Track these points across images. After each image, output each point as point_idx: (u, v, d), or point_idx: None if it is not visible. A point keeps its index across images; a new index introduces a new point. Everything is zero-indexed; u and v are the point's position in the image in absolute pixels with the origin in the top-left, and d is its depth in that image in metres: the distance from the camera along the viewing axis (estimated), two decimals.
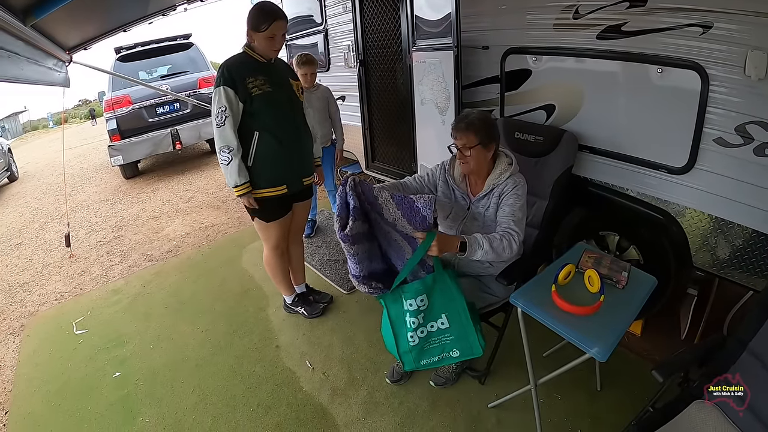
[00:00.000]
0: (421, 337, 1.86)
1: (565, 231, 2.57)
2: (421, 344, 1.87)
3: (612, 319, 1.58)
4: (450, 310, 1.84)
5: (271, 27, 2.11)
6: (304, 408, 2.20)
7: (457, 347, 1.87)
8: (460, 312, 1.83)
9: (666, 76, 1.92)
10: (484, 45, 2.64)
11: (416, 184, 2.07)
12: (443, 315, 1.84)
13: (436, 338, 1.88)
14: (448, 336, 1.87)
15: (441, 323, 1.85)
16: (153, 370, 2.54)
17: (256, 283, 3.33)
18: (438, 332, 1.87)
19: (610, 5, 2.01)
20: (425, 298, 1.81)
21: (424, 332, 1.86)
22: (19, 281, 3.95)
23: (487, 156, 1.89)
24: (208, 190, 5.86)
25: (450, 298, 1.82)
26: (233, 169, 2.19)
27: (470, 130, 1.83)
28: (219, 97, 2.11)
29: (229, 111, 2.12)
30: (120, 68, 6.55)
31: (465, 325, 1.83)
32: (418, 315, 1.82)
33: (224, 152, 2.17)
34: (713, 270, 2.03)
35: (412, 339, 1.86)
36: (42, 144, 15.30)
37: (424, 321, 1.85)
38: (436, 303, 1.83)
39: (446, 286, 1.82)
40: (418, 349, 1.87)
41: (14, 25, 2.02)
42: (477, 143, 1.83)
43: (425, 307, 1.82)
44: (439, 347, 1.89)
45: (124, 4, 3.34)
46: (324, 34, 4.41)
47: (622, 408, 1.96)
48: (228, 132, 2.15)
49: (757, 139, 1.71)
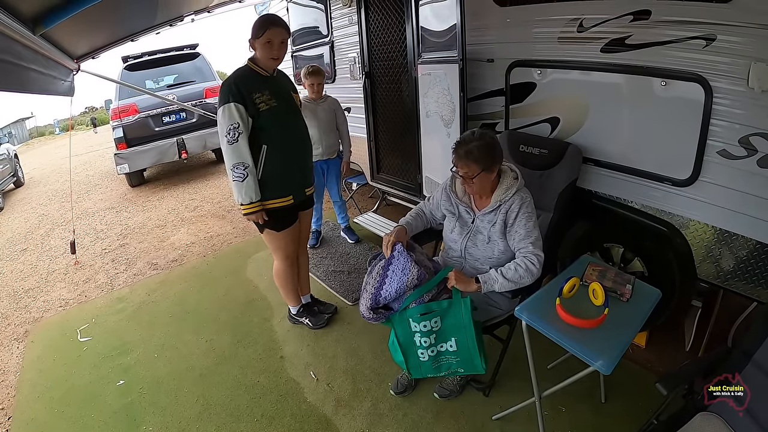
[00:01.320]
0: (431, 355, 1.94)
1: (570, 243, 2.56)
2: (430, 362, 1.96)
3: (616, 332, 1.58)
4: (459, 336, 1.89)
5: (266, 33, 2.14)
6: (308, 419, 2.19)
7: (463, 367, 1.97)
8: (468, 340, 1.88)
9: (670, 89, 1.93)
10: (489, 58, 2.67)
11: (427, 210, 2.18)
12: (453, 339, 1.90)
13: (445, 357, 1.96)
14: (455, 358, 1.95)
15: (450, 345, 1.92)
16: (157, 379, 2.54)
17: (260, 293, 3.34)
18: (447, 352, 1.95)
19: (614, 18, 2.03)
20: (439, 320, 1.87)
21: (435, 351, 1.94)
22: (24, 287, 3.97)
23: (491, 177, 1.89)
24: (214, 199, 5.89)
25: (462, 326, 1.87)
26: (248, 186, 2.19)
27: (470, 160, 1.82)
28: (230, 114, 2.11)
29: (243, 127, 2.13)
30: (127, 77, 6.63)
31: (471, 351, 1.90)
32: (431, 335, 1.89)
33: (238, 169, 2.16)
34: (717, 281, 2.03)
35: (422, 356, 1.95)
36: (48, 150, 15.42)
37: (436, 342, 1.91)
38: (448, 327, 1.89)
39: (459, 314, 1.85)
40: (428, 365, 1.98)
41: (23, 35, 2.04)
42: (479, 171, 1.83)
43: (438, 329, 1.89)
44: (447, 364, 1.98)
45: (133, 14, 3.38)
46: (330, 46, 4.45)
47: (626, 420, 1.95)
48: (243, 148, 2.15)
49: (761, 151, 1.72)
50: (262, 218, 2.32)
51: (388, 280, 1.86)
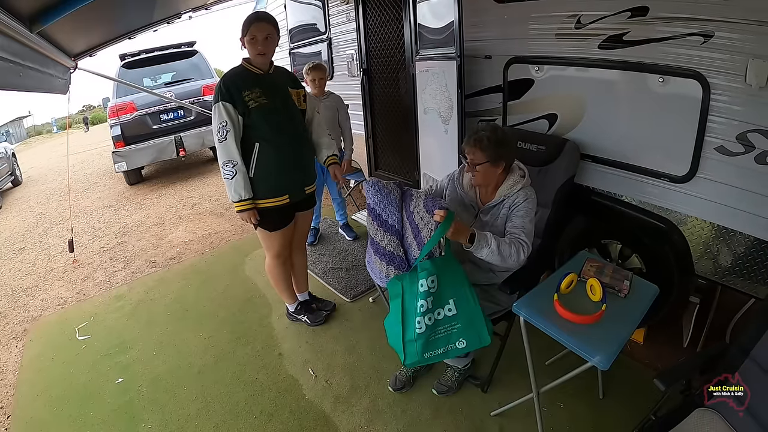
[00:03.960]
0: (428, 324, 1.78)
1: (568, 239, 2.57)
2: (427, 333, 1.79)
3: (614, 328, 1.59)
4: (458, 295, 1.79)
5: (251, 29, 2.15)
6: (307, 416, 2.20)
7: (464, 336, 1.81)
8: (469, 297, 1.79)
9: (667, 85, 1.93)
10: (486, 54, 2.66)
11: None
12: (451, 301, 1.79)
13: (443, 327, 1.81)
14: (455, 324, 1.81)
15: (448, 309, 1.80)
16: (156, 377, 2.54)
17: (259, 290, 3.34)
18: (445, 320, 1.81)
19: (611, 15, 2.03)
20: (435, 279, 1.76)
21: (432, 319, 1.79)
22: (22, 286, 3.96)
23: (496, 172, 1.89)
24: (212, 197, 5.88)
25: (459, 283, 1.79)
26: (237, 183, 2.21)
27: (478, 147, 1.83)
28: (219, 113, 2.15)
29: (230, 126, 2.16)
30: (124, 75, 6.61)
31: (473, 311, 1.79)
32: (428, 298, 1.76)
33: (228, 167, 2.19)
34: (715, 278, 2.04)
35: (419, 326, 1.78)
36: (46, 149, 15.43)
37: (433, 306, 1.78)
38: (445, 287, 1.78)
39: (455, 270, 1.79)
40: (425, 338, 1.79)
41: (20, 32, 2.04)
42: (485, 161, 1.83)
43: (435, 290, 1.77)
44: (445, 338, 1.82)
45: (130, 11, 3.38)
46: (327, 43, 4.44)
47: (624, 416, 1.96)
48: (231, 146, 2.18)
49: (758, 147, 1.72)
50: (255, 218, 2.32)
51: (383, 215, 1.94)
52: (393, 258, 1.92)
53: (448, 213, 1.70)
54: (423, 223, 1.82)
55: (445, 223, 1.69)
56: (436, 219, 1.71)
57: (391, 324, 1.90)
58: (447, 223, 1.69)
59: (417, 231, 1.85)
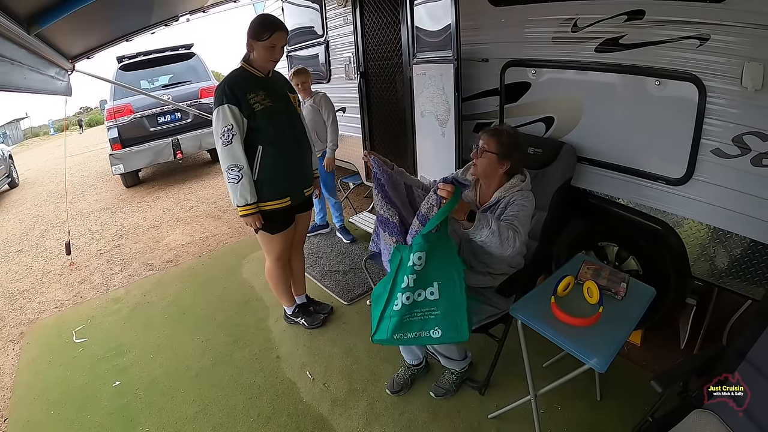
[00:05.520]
0: (405, 303, 1.67)
1: (565, 242, 2.58)
2: (401, 312, 1.68)
3: (611, 330, 1.59)
4: (444, 278, 1.68)
5: (273, 37, 2.12)
6: (305, 418, 2.19)
7: (441, 325, 1.69)
8: (455, 282, 1.68)
9: (664, 88, 1.94)
10: (483, 58, 2.67)
11: (426, 183, 2.13)
12: (435, 283, 1.68)
13: (420, 310, 1.70)
14: (433, 310, 1.69)
15: (430, 293, 1.68)
16: (153, 380, 2.54)
17: (256, 293, 3.34)
18: (424, 303, 1.69)
19: (608, 18, 2.04)
20: (423, 256, 1.64)
21: (410, 299, 1.68)
22: (19, 288, 3.95)
23: (497, 168, 1.88)
24: (209, 199, 5.88)
25: (449, 265, 1.68)
26: (243, 188, 2.19)
27: (495, 137, 1.84)
28: (224, 116, 2.11)
29: (236, 129, 2.13)
30: (122, 77, 6.60)
31: (457, 299, 1.68)
32: (411, 275, 1.65)
33: (233, 171, 2.16)
34: (712, 280, 2.04)
35: (396, 302, 1.69)
36: (43, 151, 15.35)
37: (414, 285, 1.67)
38: (432, 267, 1.66)
39: (447, 249, 1.69)
40: (399, 317, 1.68)
41: (18, 34, 2.03)
42: (494, 151, 1.84)
43: (421, 268, 1.65)
44: (420, 322, 1.70)
45: (128, 14, 3.37)
46: (325, 46, 4.45)
47: (622, 418, 1.96)
48: (237, 150, 2.15)
49: (754, 150, 1.73)
50: (259, 222, 2.31)
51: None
52: (397, 228, 1.88)
53: (455, 188, 1.59)
54: (425, 201, 1.72)
55: (452, 199, 1.59)
56: (442, 194, 1.60)
57: (378, 293, 1.80)
58: (455, 199, 1.59)
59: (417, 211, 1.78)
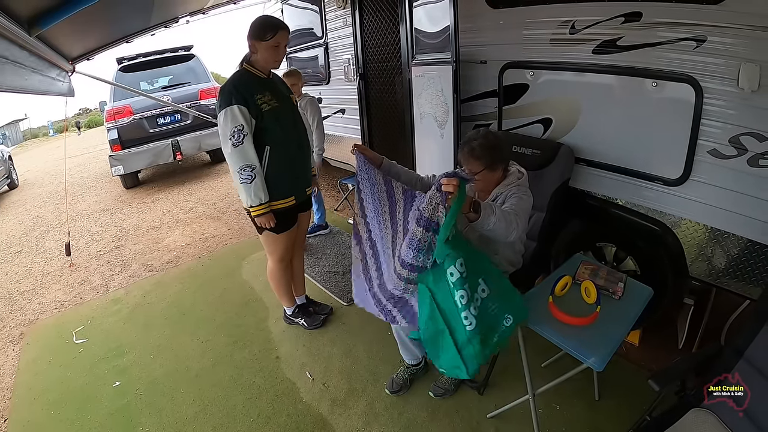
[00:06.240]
0: (474, 315, 1.51)
1: (563, 243, 2.58)
2: (479, 326, 1.52)
3: (609, 330, 1.60)
4: (482, 270, 1.59)
5: (276, 36, 2.13)
6: (304, 419, 2.20)
7: (508, 311, 1.61)
8: (491, 268, 1.63)
9: (661, 90, 1.96)
10: (482, 60, 2.69)
11: (423, 176, 2.11)
12: (480, 280, 1.57)
13: (485, 312, 1.57)
14: (493, 305, 1.60)
15: (482, 291, 1.57)
16: (153, 380, 2.54)
17: (256, 294, 3.34)
18: (484, 303, 1.57)
19: (605, 20, 2.06)
20: (462, 261, 1.48)
21: (476, 309, 1.52)
22: (19, 289, 3.95)
23: (495, 175, 1.89)
24: (209, 201, 5.88)
25: (473, 254, 1.58)
26: (257, 187, 2.19)
27: (472, 157, 1.83)
28: (234, 117, 2.10)
29: (247, 129, 2.13)
30: (122, 79, 6.60)
31: (501, 281, 1.64)
32: (465, 285, 1.48)
33: (246, 171, 2.16)
34: (710, 279, 2.05)
35: (467, 321, 1.50)
36: (42, 152, 15.34)
37: (470, 293, 1.50)
38: (470, 267, 1.51)
39: (465, 244, 1.57)
40: (478, 332, 1.52)
41: (19, 35, 2.05)
42: (482, 169, 1.84)
43: (466, 274, 1.49)
44: (492, 323, 1.59)
45: (128, 15, 3.39)
46: (324, 48, 4.46)
47: (620, 417, 1.97)
48: (248, 150, 2.15)
49: (750, 150, 1.75)
50: (273, 221, 2.31)
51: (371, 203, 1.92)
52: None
53: (460, 182, 1.41)
54: (424, 204, 1.50)
55: (460, 194, 1.42)
56: (448, 189, 1.41)
57: (435, 339, 1.60)
58: (462, 194, 1.43)
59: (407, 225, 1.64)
